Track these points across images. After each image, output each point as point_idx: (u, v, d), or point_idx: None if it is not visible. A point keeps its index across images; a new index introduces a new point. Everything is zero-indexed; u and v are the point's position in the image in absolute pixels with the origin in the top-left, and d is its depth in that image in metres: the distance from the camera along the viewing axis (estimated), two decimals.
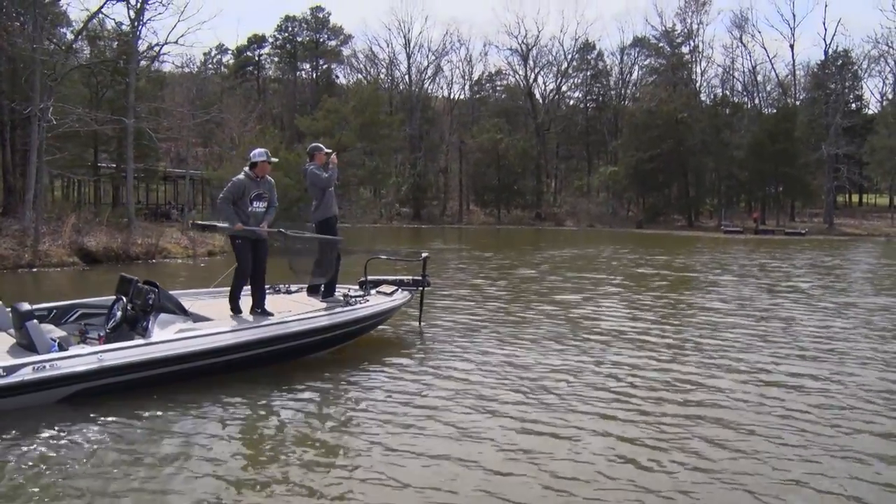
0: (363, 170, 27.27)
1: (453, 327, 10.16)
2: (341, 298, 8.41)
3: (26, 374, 5.82)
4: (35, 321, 6.47)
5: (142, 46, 26.46)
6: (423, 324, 9.93)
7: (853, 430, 5.81)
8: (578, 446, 5.36)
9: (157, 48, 28.60)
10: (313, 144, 9.32)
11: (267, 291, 8.13)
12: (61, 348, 6.44)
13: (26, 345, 6.38)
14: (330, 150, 8.97)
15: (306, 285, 8.87)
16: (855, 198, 66.93)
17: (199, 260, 22.57)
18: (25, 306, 6.59)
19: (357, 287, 9.12)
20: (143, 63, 31.40)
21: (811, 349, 9.02)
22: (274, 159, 8.04)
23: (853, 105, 60.52)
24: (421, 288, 9.68)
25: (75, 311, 7.76)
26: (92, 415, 5.83)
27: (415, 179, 59.39)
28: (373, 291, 8.99)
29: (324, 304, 8.27)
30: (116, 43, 28.05)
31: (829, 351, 8.91)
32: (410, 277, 9.85)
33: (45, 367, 5.93)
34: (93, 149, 28.90)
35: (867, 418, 6.11)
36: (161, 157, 31.05)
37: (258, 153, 7.81)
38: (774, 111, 58.15)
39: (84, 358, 6.17)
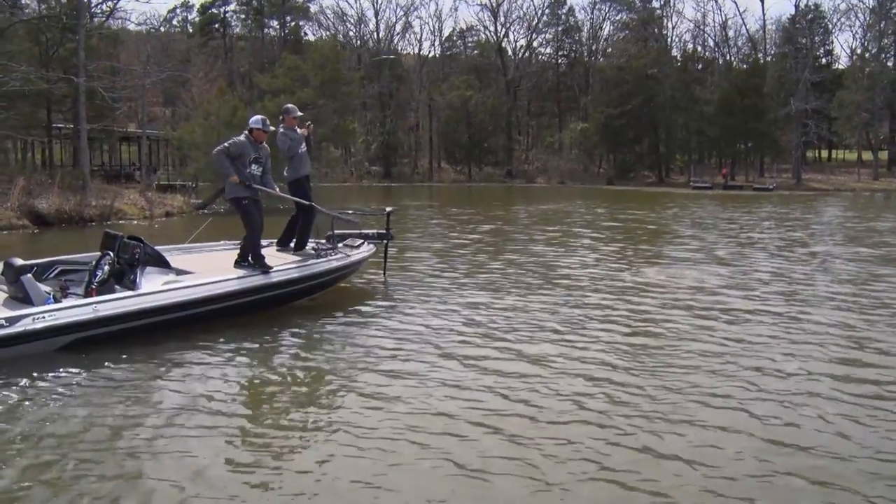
0: (325, 127, 26.69)
1: (415, 276, 10.95)
2: (312, 252, 8.96)
3: (27, 325, 6.30)
4: (30, 275, 6.94)
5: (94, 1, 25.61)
6: (387, 274, 10.55)
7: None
8: (534, 373, 6.16)
9: (110, 4, 27.74)
10: (286, 106, 9.58)
11: (236, 246, 8.73)
12: (56, 301, 6.89)
13: (22, 298, 6.79)
14: (300, 114, 9.37)
15: (275, 240, 9.43)
16: (824, 153, 67.31)
17: (155, 221, 22.23)
18: (19, 261, 7.12)
19: (325, 241, 9.53)
20: (97, 20, 30.50)
21: (757, 289, 10.10)
22: (271, 128, 8.40)
23: (823, 60, 60.44)
24: (385, 241, 10.36)
25: (55, 268, 8.04)
26: (87, 361, 6.33)
27: (384, 137, 58.77)
28: (340, 245, 9.47)
29: (297, 258, 8.82)
30: None
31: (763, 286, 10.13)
32: (375, 231, 10.51)
33: (44, 317, 6.41)
34: (45, 109, 28.04)
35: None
36: (119, 118, 30.13)
37: (254, 120, 8.19)
38: (745, 67, 57.96)
39: (81, 309, 6.67)
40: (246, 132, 8.18)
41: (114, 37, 30.14)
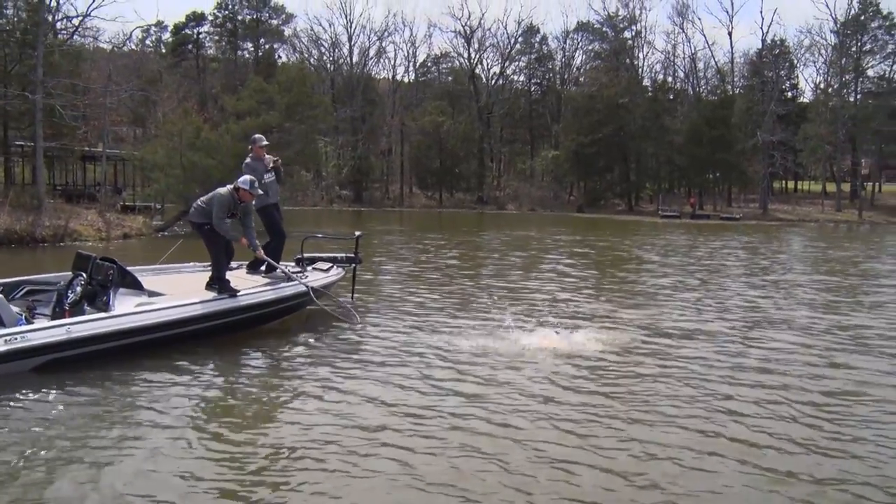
0: (290, 150, 26.43)
1: (383, 299, 11.37)
2: (282, 275, 8.97)
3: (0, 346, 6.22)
4: (0, 296, 6.87)
5: (58, 16, 25.18)
6: (355, 297, 10.59)
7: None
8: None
9: (75, 21, 27.31)
10: (253, 136, 9.82)
11: (205, 268, 8.87)
12: (27, 321, 6.88)
13: None
14: (266, 143, 9.64)
15: (245, 263, 9.58)
16: (790, 184, 68.20)
17: (112, 243, 21.71)
18: None
19: (294, 264, 9.66)
20: (61, 36, 30.03)
21: (713, 308, 10.88)
22: (259, 192, 8.57)
23: (789, 93, 61.45)
24: (354, 265, 10.45)
25: (22, 288, 7.97)
26: (58, 382, 6.37)
27: (356, 162, 58.29)
28: (309, 268, 9.65)
29: (266, 280, 8.90)
30: (27, 13, 26.51)
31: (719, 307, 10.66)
32: (344, 255, 10.58)
33: (16, 338, 6.34)
34: (1, 125, 27.41)
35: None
36: (83, 136, 29.56)
37: (243, 181, 8.28)
38: (714, 98, 58.70)
39: (54, 330, 6.66)
40: (231, 189, 8.20)
41: (76, 54, 29.60)
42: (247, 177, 8.40)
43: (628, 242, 25.76)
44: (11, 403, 5.91)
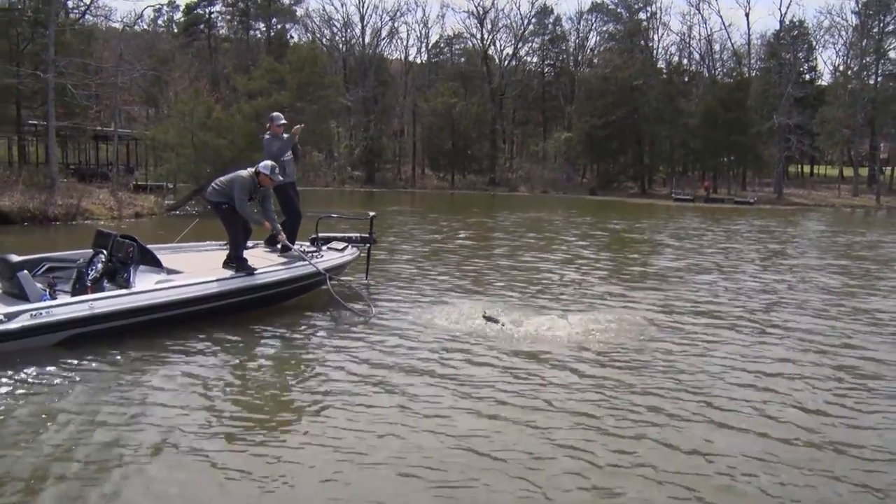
0: (302, 131, 26.31)
1: (397, 279, 11.40)
2: (297, 254, 9.05)
3: (25, 321, 6.41)
4: (26, 272, 7.08)
5: None
6: (369, 276, 10.78)
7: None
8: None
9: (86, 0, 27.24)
10: (271, 114, 9.93)
11: (222, 247, 9.10)
12: (51, 297, 7.03)
13: (17, 294, 6.94)
14: (284, 122, 9.64)
15: (263, 241, 9.71)
16: (806, 168, 67.52)
17: (123, 222, 21.77)
18: (15, 258, 7.26)
19: (309, 243, 9.77)
20: (72, 15, 29.98)
21: (721, 294, 10.55)
22: (280, 178, 8.68)
23: (807, 76, 60.62)
24: (368, 245, 10.60)
25: (43, 265, 8.09)
26: (86, 357, 6.49)
27: (368, 143, 58.23)
28: (324, 248, 9.72)
29: (283, 259, 8.99)
30: None
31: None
32: (358, 235, 10.64)
33: (41, 314, 6.53)
34: (14, 105, 27.46)
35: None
36: (96, 116, 29.57)
37: (264, 165, 8.42)
38: (730, 80, 58.04)
39: (77, 306, 6.81)
40: (252, 172, 8.35)
41: (87, 33, 29.55)
42: (268, 162, 8.51)
43: (641, 225, 25.58)
44: (34, 378, 6.03)
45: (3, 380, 5.96)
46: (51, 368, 6.23)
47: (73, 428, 5.00)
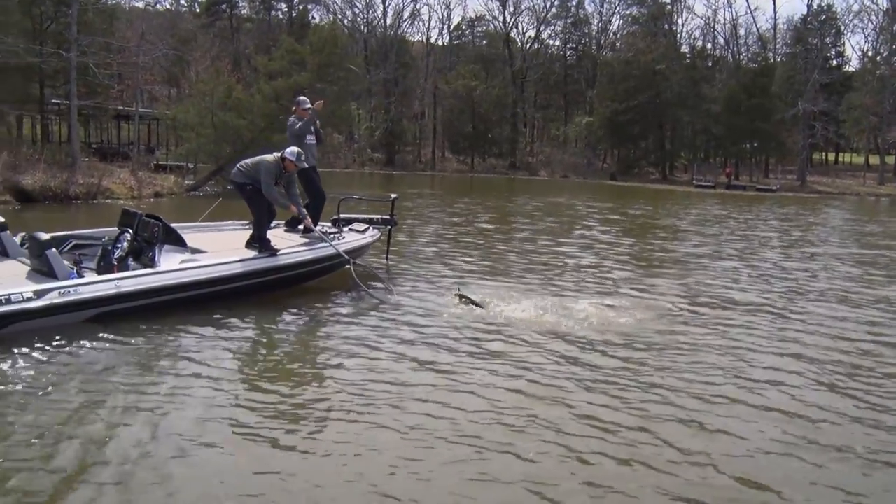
0: (322, 111, 26.31)
1: (417, 261, 11.41)
2: (319, 235, 9.08)
3: (54, 298, 6.51)
4: (54, 250, 7.11)
5: None
6: (389, 258, 10.81)
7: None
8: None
9: None
10: (298, 98, 10.14)
11: (244, 227, 9.27)
12: (79, 275, 7.13)
13: (46, 272, 6.99)
14: (309, 106, 9.69)
15: (283, 222, 9.75)
16: (831, 156, 66.56)
17: (143, 201, 21.87)
18: (44, 236, 7.18)
19: (330, 224, 9.82)
20: None
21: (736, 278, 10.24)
22: (305, 164, 8.77)
23: (834, 61, 59.64)
24: (389, 227, 10.57)
25: (69, 242, 8.19)
26: (109, 335, 6.56)
27: (388, 125, 58.23)
28: (346, 229, 9.75)
29: (305, 240, 9.01)
30: None
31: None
32: (380, 216, 10.63)
33: (69, 291, 6.63)
34: (38, 83, 27.65)
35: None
36: (117, 95, 29.71)
37: (290, 152, 8.52)
38: (754, 66, 57.19)
39: (104, 284, 6.91)
40: (278, 157, 8.45)
41: (110, 12, 29.65)
42: (294, 149, 8.61)
43: (662, 211, 25.41)
44: (70, 352, 6.15)
45: (27, 357, 6.02)
46: (83, 345, 6.35)
47: (112, 401, 5.13)
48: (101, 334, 6.58)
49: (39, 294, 6.49)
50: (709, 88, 55.51)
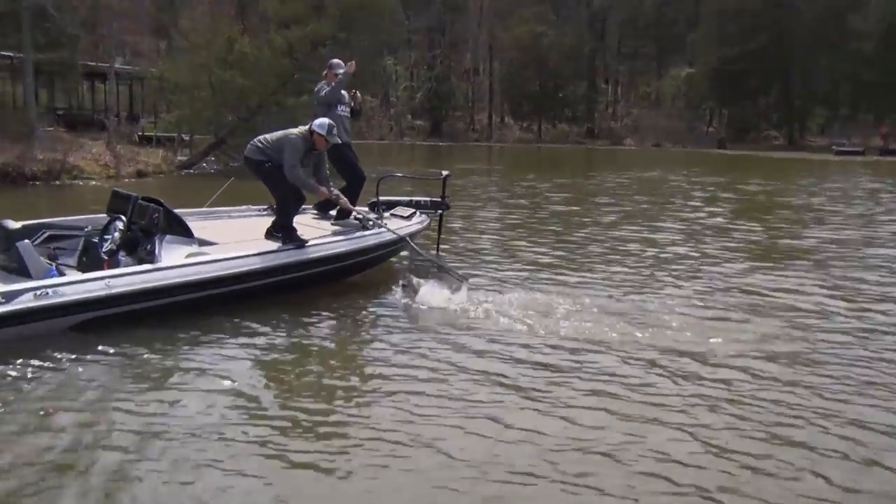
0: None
1: (474, 253, 11.22)
2: (355, 222, 9.14)
3: (29, 302, 6.37)
4: (27, 242, 7.05)
5: None
6: (440, 250, 10.71)
7: None
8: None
9: None
10: (331, 61, 10.13)
11: (263, 212, 9.51)
12: (59, 273, 7.00)
13: (16, 269, 6.95)
14: (342, 70, 9.70)
15: (313, 206, 9.90)
16: None
17: (121, 182, 21.58)
18: (13, 224, 7.26)
19: (367, 209, 9.75)
20: None
21: None
22: (337, 139, 8.75)
23: None
24: (440, 211, 10.59)
25: (42, 233, 8.12)
26: (99, 346, 6.43)
27: (432, 85, 58.55)
28: (387, 214, 9.78)
29: (337, 228, 9.14)
30: None
31: None
32: (429, 199, 10.67)
33: (48, 293, 6.49)
34: None
35: None
36: (86, 48, 29.73)
37: (320, 124, 8.50)
38: None
39: (91, 284, 6.78)
40: (306, 132, 8.45)
41: None
42: (325, 120, 8.62)
43: (791, 187, 24.78)
44: (53, 368, 6.07)
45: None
46: (67, 355, 6.22)
47: (108, 417, 5.12)
48: (89, 346, 6.42)
49: (9, 297, 6.35)
50: (858, 20, 54.25)
